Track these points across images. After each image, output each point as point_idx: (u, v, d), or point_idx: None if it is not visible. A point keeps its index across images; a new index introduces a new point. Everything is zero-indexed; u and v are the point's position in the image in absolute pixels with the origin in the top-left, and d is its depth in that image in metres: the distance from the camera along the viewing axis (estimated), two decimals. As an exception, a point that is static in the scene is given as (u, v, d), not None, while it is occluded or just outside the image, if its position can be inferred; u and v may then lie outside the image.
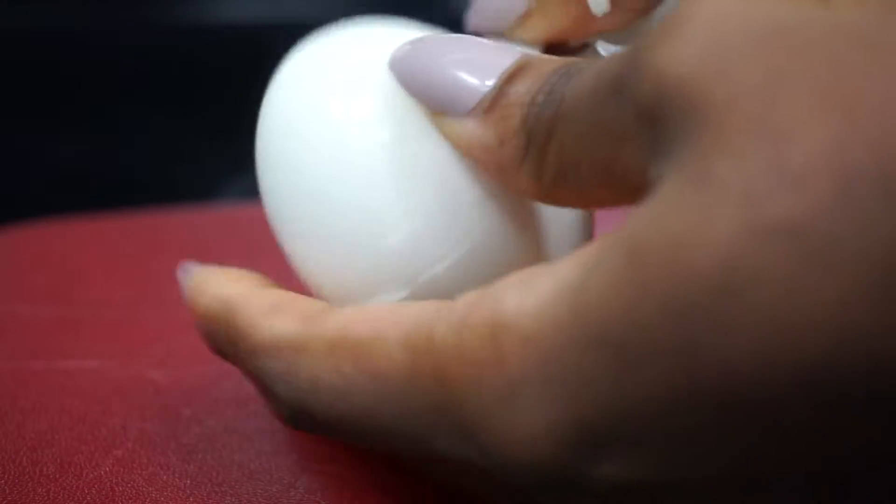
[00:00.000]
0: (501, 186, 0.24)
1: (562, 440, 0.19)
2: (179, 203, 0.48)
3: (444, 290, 0.23)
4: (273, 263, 0.28)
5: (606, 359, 0.18)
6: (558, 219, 0.25)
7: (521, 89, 0.22)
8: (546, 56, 0.23)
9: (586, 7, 0.25)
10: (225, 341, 0.25)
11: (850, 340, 0.17)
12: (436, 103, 0.23)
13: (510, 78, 0.23)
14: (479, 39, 0.24)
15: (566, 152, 0.21)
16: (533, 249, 0.25)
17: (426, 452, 0.22)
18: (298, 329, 0.23)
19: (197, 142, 0.59)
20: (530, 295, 0.19)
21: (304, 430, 0.25)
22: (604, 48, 0.26)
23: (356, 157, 0.24)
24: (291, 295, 0.25)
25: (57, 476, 0.28)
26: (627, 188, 0.21)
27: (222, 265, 0.27)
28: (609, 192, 0.21)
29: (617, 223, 0.20)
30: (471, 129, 0.23)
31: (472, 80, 0.23)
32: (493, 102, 0.23)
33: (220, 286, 0.26)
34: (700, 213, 0.17)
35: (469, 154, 0.23)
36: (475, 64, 0.23)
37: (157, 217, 0.46)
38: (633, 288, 0.18)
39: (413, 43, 0.24)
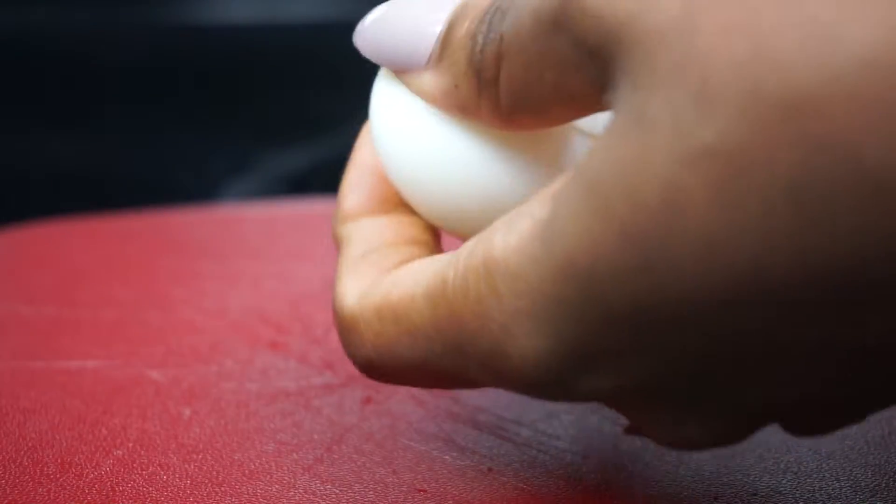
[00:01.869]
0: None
1: (553, 365, 0.22)
2: (180, 203, 0.48)
3: None
4: (273, 263, 0.28)
5: (577, 287, 0.20)
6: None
7: (461, 32, 0.24)
8: None
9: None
10: None
11: (773, 246, 0.19)
12: (397, 66, 0.26)
13: (450, 26, 0.25)
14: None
15: (516, 82, 0.23)
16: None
17: (468, 383, 0.24)
18: (354, 305, 0.26)
19: (197, 142, 0.59)
20: (513, 234, 0.22)
21: (380, 381, 0.27)
22: None
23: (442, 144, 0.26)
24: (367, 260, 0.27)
25: (57, 476, 0.28)
26: (585, 107, 0.23)
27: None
28: (567, 111, 0.23)
29: None
30: (429, 80, 0.25)
31: (420, 39, 0.25)
32: (441, 52, 0.25)
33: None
34: (640, 148, 0.19)
35: (433, 103, 0.25)
36: (419, 23, 0.25)
37: (157, 217, 0.46)
38: (592, 219, 0.20)
39: (370, 17, 0.27)
